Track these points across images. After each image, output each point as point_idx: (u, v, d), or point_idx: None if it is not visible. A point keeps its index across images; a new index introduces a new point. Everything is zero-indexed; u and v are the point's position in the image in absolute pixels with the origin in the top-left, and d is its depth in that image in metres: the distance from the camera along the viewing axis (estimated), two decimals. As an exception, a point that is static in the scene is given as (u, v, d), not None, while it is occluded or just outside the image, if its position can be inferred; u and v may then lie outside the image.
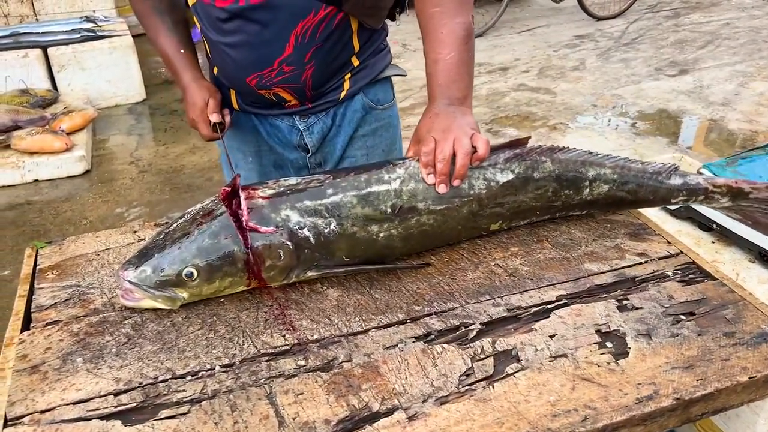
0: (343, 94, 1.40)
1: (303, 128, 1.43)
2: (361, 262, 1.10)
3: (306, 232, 1.04)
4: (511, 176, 1.14)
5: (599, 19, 6.32)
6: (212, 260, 1.01)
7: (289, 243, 1.02)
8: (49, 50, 4.51)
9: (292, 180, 1.10)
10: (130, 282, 1.00)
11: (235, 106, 1.46)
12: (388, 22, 1.46)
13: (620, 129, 4.13)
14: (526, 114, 4.37)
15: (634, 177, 1.21)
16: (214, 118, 1.35)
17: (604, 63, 5.27)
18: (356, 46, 1.36)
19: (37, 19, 5.34)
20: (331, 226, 1.05)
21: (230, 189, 1.08)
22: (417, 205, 1.10)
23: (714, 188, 1.22)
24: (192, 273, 1.00)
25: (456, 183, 1.10)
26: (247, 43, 1.26)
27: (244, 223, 1.03)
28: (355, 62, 1.38)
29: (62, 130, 3.81)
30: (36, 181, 3.68)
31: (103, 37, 4.69)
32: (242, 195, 1.06)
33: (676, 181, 1.22)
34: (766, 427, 1.00)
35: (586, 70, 5.15)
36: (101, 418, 0.85)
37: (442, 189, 1.09)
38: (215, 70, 1.42)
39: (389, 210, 1.08)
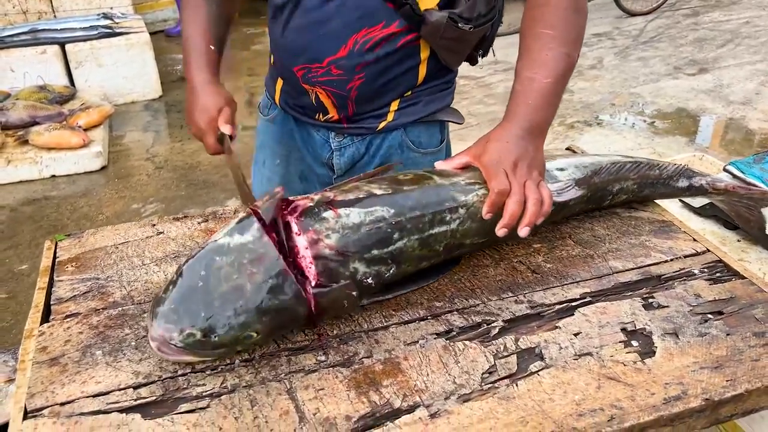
0: (382, 124, 1.30)
1: (335, 147, 1.35)
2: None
3: (370, 280, 0.98)
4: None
5: (633, 14, 6.30)
6: (275, 321, 0.90)
7: (355, 293, 0.96)
8: (67, 47, 4.53)
9: (354, 216, 0.96)
10: (176, 346, 0.87)
11: (277, 102, 1.40)
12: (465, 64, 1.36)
13: (639, 128, 4.09)
14: (543, 112, 4.33)
15: (650, 185, 1.26)
16: (226, 129, 1.19)
17: (622, 61, 5.22)
18: (420, 77, 1.26)
19: (55, 16, 5.37)
20: (391, 271, 1.00)
21: (273, 217, 0.93)
22: (464, 242, 1.06)
23: (713, 190, 1.31)
24: (252, 336, 0.90)
25: (523, 233, 0.98)
26: (305, 30, 1.19)
27: (312, 280, 0.93)
28: (408, 93, 1.28)
29: (79, 126, 3.83)
30: (53, 176, 3.71)
31: (120, 33, 4.71)
32: (305, 240, 0.93)
33: (682, 183, 1.29)
34: (795, 429, 0.98)
35: (603, 68, 5.10)
36: (121, 411, 0.84)
37: (502, 233, 0.99)
38: (271, 59, 1.36)
39: (441, 249, 1.04)
